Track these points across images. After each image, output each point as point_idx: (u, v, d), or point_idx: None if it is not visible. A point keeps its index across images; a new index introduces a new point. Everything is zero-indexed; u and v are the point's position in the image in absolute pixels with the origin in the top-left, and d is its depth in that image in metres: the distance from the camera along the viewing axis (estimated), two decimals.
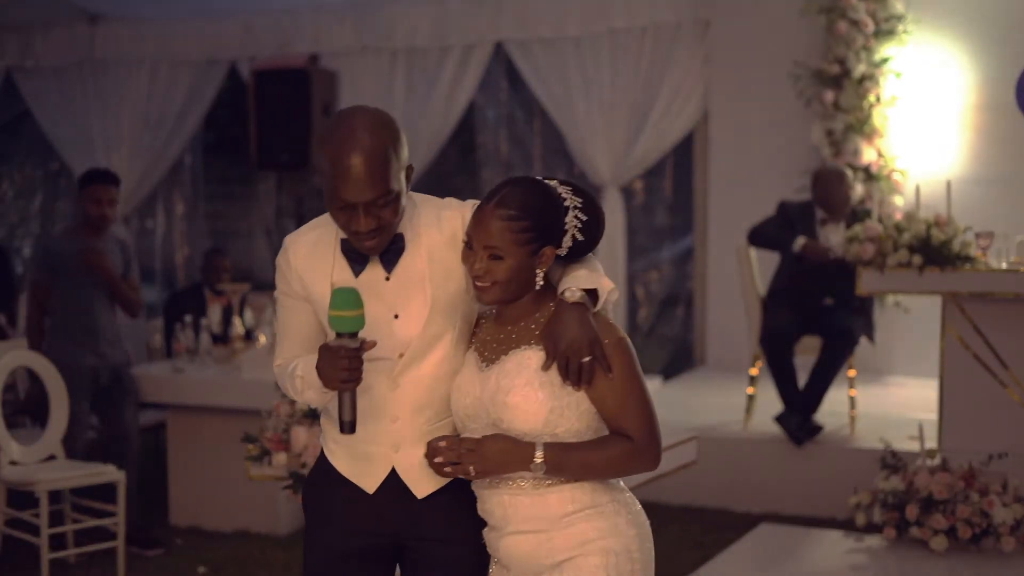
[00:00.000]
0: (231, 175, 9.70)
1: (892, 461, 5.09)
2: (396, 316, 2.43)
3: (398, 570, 2.62)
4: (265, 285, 8.25)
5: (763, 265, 6.51)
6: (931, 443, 5.29)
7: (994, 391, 5.25)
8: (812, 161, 7.44)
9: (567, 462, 2.34)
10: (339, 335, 2.30)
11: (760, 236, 6.24)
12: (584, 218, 2.41)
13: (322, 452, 2.60)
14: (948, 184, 5.46)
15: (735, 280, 6.55)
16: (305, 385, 2.43)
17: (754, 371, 6.29)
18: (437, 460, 2.39)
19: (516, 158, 9.08)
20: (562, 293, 2.38)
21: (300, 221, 9.09)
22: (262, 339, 5.98)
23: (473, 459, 2.36)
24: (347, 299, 2.28)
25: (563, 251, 2.41)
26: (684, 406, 6.93)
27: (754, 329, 6.30)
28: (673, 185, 8.76)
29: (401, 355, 2.44)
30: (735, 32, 7.93)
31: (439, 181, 9.19)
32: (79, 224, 5.60)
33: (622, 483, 2.48)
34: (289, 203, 9.36)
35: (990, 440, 5.11)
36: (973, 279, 5.12)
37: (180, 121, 9.40)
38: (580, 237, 2.41)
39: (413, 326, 2.43)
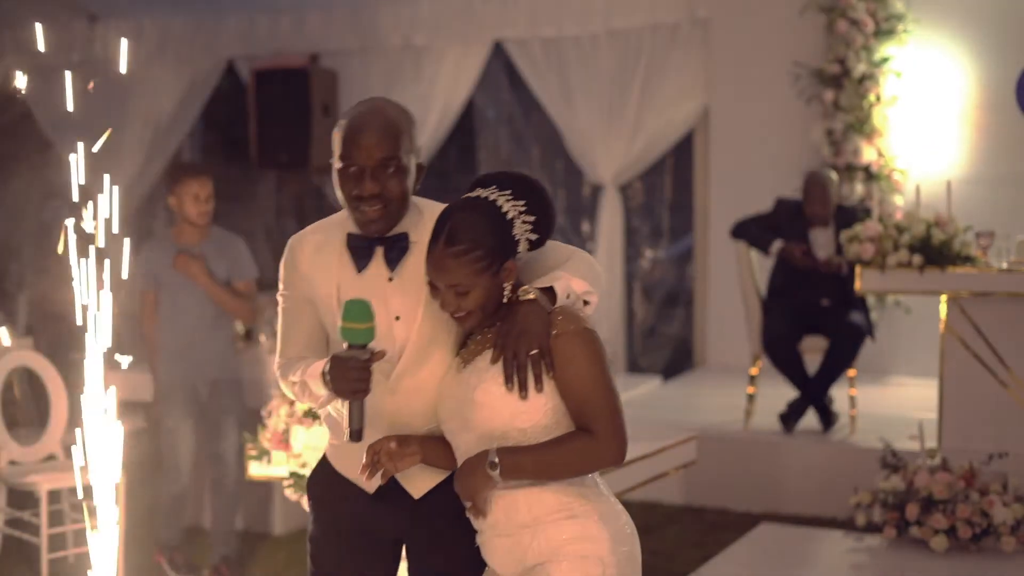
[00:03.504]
0: (231, 175, 9.70)
1: (892, 461, 5.08)
2: (397, 318, 2.45)
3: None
4: (265, 285, 8.23)
5: (763, 265, 6.51)
6: (931, 443, 5.29)
7: (994, 391, 5.25)
8: (812, 161, 7.44)
9: (523, 463, 2.32)
10: (350, 346, 2.32)
11: (743, 231, 6.25)
12: (532, 219, 2.40)
13: (325, 452, 2.63)
14: (948, 184, 5.46)
15: (735, 280, 6.56)
16: (304, 391, 2.45)
17: (754, 371, 6.29)
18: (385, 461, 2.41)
19: (516, 158, 9.08)
20: (516, 294, 2.38)
21: (300, 221, 9.16)
22: (262, 339, 5.98)
23: (459, 492, 2.39)
24: (359, 311, 2.30)
25: (523, 257, 2.42)
26: (684, 406, 6.93)
27: (754, 329, 6.30)
28: (673, 185, 8.76)
29: (400, 356, 2.45)
30: (735, 32, 7.92)
31: (439, 180, 9.19)
32: (176, 226, 5.18)
33: (601, 487, 2.44)
34: (289, 203, 9.37)
35: (990, 440, 5.11)
36: (973, 279, 5.12)
37: (180, 120, 9.40)
38: (533, 238, 2.41)
39: (412, 328, 2.45)
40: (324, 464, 2.63)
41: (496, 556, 2.41)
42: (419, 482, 2.50)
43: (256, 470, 4.15)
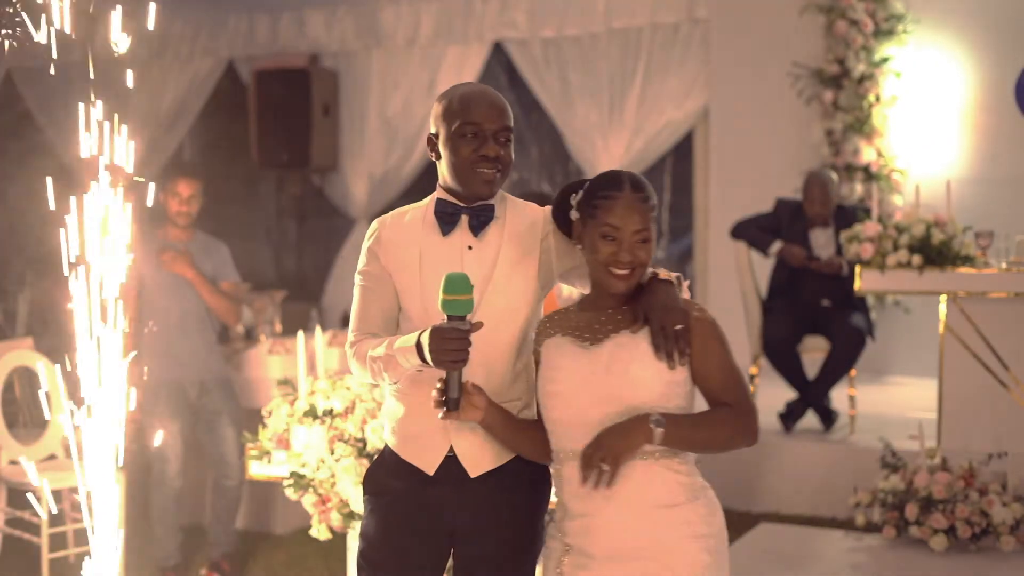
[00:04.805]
0: (231, 174, 9.71)
1: (892, 460, 5.09)
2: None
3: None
4: (265, 285, 8.23)
5: (763, 265, 6.51)
6: (931, 442, 5.29)
7: (994, 391, 5.25)
8: (812, 161, 7.45)
9: (683, 429, 2.37)
10: (450, 318, 2.40)
11: (742, 232, 6.25)
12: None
13: (385, 446, 2.68)
14: (948, 184, 5.46)
15: (735, 280, 6.56)
16: (388, 364, 2.49)
17: (754, 371, 6.29)
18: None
19: (516, 158, 9.08)
20: (654, 273, 2.48)
21: (300, 221, 9.17)
22: (262, 339, 5.98)
23: (600, 453, 2.34)
24: (459, 283, 2.39)
25: None
26: None
27: (754, 330, 6.30)
28: (673, 185, 8.76)
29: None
30: (735, 32, 7.93)
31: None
32: (163, 227, 5.10)
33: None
34: (289, 203, 9.36)
35: (990, 440, 5.12)
36: (973, 279, 5.13)
37: (180, 120, 9.41)
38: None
39: (483, 298, 2.53)
40: (383, 457, 2.68)
41: (603, 536, 2.40)
42: (477, 461, 2.56)
43: (256, 470, 4.15)
